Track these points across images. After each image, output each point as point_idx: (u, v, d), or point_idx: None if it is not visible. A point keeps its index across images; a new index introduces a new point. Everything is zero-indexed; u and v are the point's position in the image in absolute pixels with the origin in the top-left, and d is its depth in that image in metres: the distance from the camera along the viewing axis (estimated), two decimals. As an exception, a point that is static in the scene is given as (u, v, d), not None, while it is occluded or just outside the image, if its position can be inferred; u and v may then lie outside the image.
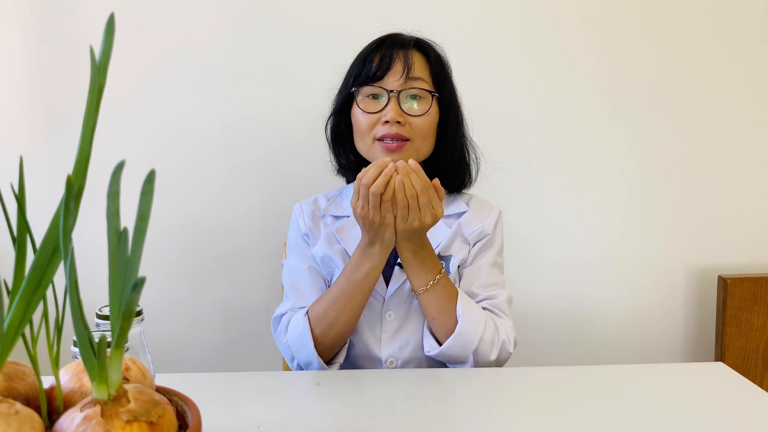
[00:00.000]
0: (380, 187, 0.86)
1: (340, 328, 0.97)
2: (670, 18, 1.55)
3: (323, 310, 0.97)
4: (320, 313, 0.97)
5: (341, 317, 0.96)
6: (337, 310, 0.96)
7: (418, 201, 0.88)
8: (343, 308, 0.96)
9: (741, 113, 1.60)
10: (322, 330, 0.97)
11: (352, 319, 0.98)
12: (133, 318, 0.42)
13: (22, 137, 1.49)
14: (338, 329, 0.97)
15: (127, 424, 0.41)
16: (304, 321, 0.98)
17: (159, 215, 1.50)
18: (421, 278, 0.95)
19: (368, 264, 0.94)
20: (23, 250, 0.43)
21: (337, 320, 0.96)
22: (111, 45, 0.43)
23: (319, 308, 0.98)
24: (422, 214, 0.88)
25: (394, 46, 1.01)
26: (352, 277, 0.95)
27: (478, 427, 0.73)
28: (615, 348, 1.66)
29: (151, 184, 0.40)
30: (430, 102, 1.01)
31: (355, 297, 0.95)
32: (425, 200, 0.88)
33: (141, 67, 1.49)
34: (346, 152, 1.09)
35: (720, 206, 1.63)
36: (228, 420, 0.75)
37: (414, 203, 0.87)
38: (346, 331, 0.99)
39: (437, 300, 0.96)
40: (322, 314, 0.97)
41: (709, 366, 0.95)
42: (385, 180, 0.86)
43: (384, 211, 0.88)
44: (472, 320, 0.95)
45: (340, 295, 0.96)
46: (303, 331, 0.97)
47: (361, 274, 0.94)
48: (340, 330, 0.97)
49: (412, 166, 0.88)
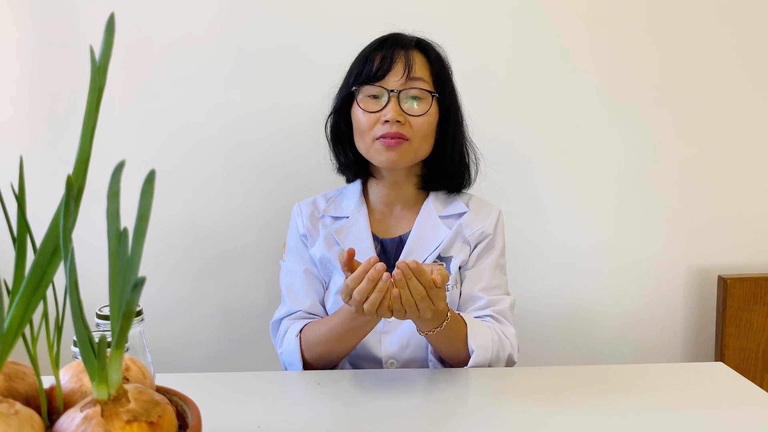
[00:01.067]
0: (374, 305, 0.79)
1: (329, 359, 0.99)
2: (669, 18, 1.54)
3: (315, 341, 0.97)
4: (311, 343, 0.98)
5: (332, 353, 0.98)
6: (328, 347, 0.97)
7: (417, 307, 0.80)
8: (334, 347, 0.97)
9: (741, 113, 1.59)
10: (312, 357, 0.98)
11: (343, 355, 0.99)
12: (133, 318, 0.42)
13: (22, 137, 1.49)
14: (328, 360, 0.99)
15: (127, 424, 0.41)
16: (296, 342, 0.99)
17: (159, 215, 1.50)
18: (425, 326, 0.91)
19: (363, 320, 0.90)
20: (23, 250, 0.43)
21: (328, 354, 0.98)
22: (111, 45, 0.43)
23: (311, 337, 0.98)
24: (421, 313, 0.81)
25: (395, 46, 1.01)
26: (347, 325, 0.93)
27: (478, 427, 0.73)
28: (615, 348, 1.66)
29: (151, 184, 0.40)
30: (430, 102, 1.01)
31: (348, 341, 0.96)
32: (425, 305, 0.80)
33: (140, 67, 1.49)
34: (346, 151, 1.09)
35: (720, 206, 1.63)
36: (228, 420, 0.75)
37: (413, 310, 0.80)
38: (336, 361, 1.00)
39: (444, 340, 0.94)
40: (313, 344, 0.98)
41: (709, 366, 0.95)
42: (379, 297, 0.78)
43: (381, 314, 0.81)
44: (483, 349, 0.94)
45: (333, 336, 0.95)
46: (294, 350, 0.99)
47: (356, 325, 0.92)
48: (330, 360, 0.99)
49: (413, 269, 0.78)
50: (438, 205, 1.09)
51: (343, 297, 0.82)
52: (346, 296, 0.82)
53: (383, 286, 0.78)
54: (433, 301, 0.81)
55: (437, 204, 1.09)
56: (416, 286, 0.78)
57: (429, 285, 0.79)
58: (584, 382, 0.88)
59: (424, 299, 0.79)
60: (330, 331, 0.95)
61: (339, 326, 0.94)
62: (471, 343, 0.94)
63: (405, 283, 0.78)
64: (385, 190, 1.09)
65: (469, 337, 0.94)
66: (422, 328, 0.91)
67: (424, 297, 0.79)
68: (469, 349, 0.94)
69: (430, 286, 0.79)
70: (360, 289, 0.78)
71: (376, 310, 0.80)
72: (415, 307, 0.80)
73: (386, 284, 0.78)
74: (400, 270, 0.78)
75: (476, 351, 0.93)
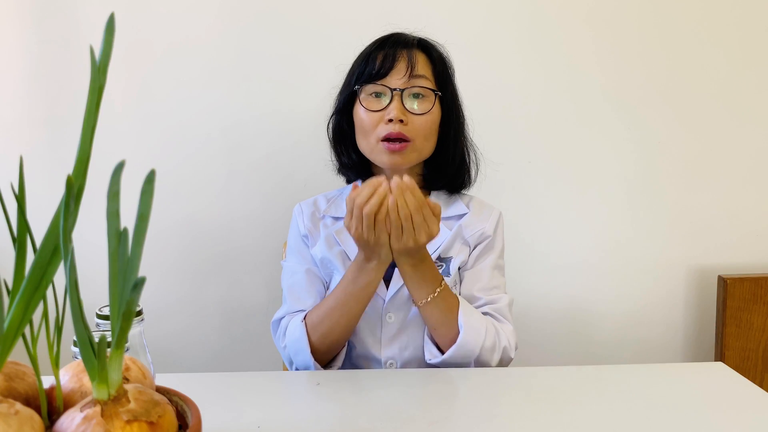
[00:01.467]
0: (374, 207, 0.85)
1: (336, 336, 0.98)
2: (672, 18, 1.54)
3: (320, 318, 0.97)
4: (317, 321, 0.97)
5: (338, 326, 0.97)
6: (333, 319, 0.96)
7: (412, 221, 0.86)
8: (339, 318, 0.96)
9: (742, 113, 1.59)
10: (319, 337, 0.97)
11: (349, 328, 0.98)
12: (133, 318, 0.42)
13: (22, 137, 1.49)
14: (335, 337, 0.97)
15: (127, 424, 0.41)
16: (301, 327, 0.98)
17: (159, 215, 1.51)
18: (421, 292, 0.94)
19: (365, 278, 0.93)
20: (23, 250, 0.43)
21: (334, 329, 0.97)
22: (111, 45, 0.43)
23: (316, 316, 0.98)
24: (416, 234, 0.87)
25: (397, 45, 1.00)
26: (349, 289, 0.94)
27: (478, 427, 0.73)
28: (615, 348, 1.66)
29: (151, 184, 0.40)
30: (432, 101, 1.01)
31: (352, 308, 0.95)
32: (419, 219, 0.86)
33: (141, 67, 1.49)
34: (348, 151, 1.09)
35: (720, 206, 1.63)
36: (228, 420, 0.75)
37: (408, 223, 0.86)
38: (342, 339, 0.99)
39: (438, 312, 0.95)
40: (318, 322, 0.97)
41: (709, 366, 0.95)
42: (379, 200, 0.85)
43: (378, 231, 0.87)
44: (474, 330, 0.94)
45: (337, 305, 0.96)
46: (300, 337, 0.97)
47: (358, 287, 0.94)
48: (337, 338, 0.98)
49: (407, 183, 0.86)
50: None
51: (346, 219, 0.88)
52: (348, 213, 0.88)
53: (382, 191, 0.85)
54: (426, 220, 0.86)
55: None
56: (411, 199, 0.85)
57: (422, 201, 0.86)
58: (584, 382, 0.88)
59: (418, 211, 0.85)
60: (334, 300, 0.96)
61: (342, 292, 0.95)
62: (461, 319, 0.94)
63: (401, 193, 0.85)
64: (385, 190, 1.09)
65: (460, 314, 0.95)
66: (417, 294, 0.94)
67: (418, 209, 0.85)
68: (459, 325, 0.94)
69: (423, 203, 0.86)
70: (361, 193, 0.86)
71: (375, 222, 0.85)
72: (410, 221, 0.85)
73: (385, 189, 0.85)
74: (396, 182, 0.85)
75: (465, 329, 0.93)
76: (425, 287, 0.94)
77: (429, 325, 0.98)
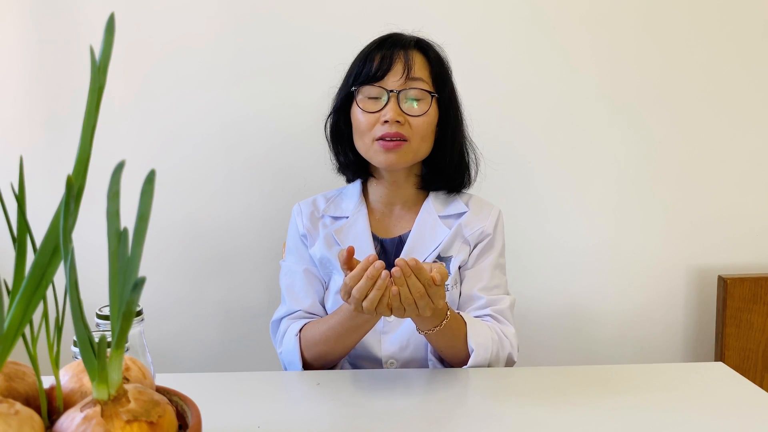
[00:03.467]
0: (373, 303, 0.79)
1: (330, 359, 0.99)
2: (669, 18, 1.54)
3: (314, 341, 0.97)
4: (311, 342, 0.98)
5: (332, 352, 0.97)
6: (328, 345, 0.96)
7: (416, 305, 0.80)
8: (334, 345, 0.96)
9: (741, 113, 1.59)
10: (312, 356, 0.98)
11: (344, 354, 0.99)
12: (133, 318, 0.42)
13: (22, 137, 1.49)
14: (328, 359, 0.99)
15: (127, 424, 0.41)
16: (295, 342, 0.98)
17: (159, 215, 1.50)
18: (425, 325, 0.91)
19: (362, 319, 0.91)
20: (23, 250, 0.43)
21: (328, 354, 0.97)
22: (111, 45, 0.43)
23: (311, 336, 0.98)
24: (420, 311, 0.81)
25: (394, 47, 1.00)
26: (346, 325, 0.92)
27: (478, 427, 0.73)
28: (615, 348, 1.66)
29: (151, 184, 0.40)
30: (429, 102, 1.01)
31: (347, 339, 0.95)
32: (424, 303, 0.80)
33: (140, 67, 1.49)
34: (346, 151, 1.09)
35: (720, 206, 1.63)
36: (228, 420, 0.75)
37: (411, 308, 0.81)
38: (336, 360, 1.00)
39: (444, 340, 0.94)
40: (312, 344, 0.97)
41: (709, 366, 0.95)
42: (378, 295, 0.78)
43: (380, 312, 0.81)
44: (483, 348, 0.94)
45: (333, 335, 0.95)
46: (293, 350, 0.98)
47: (355, 324, 0.92)
48: (331, 360, 0.99)
49: (411, 266, 0.78)
50: (438, 205, 1.09)
51: (342, 295, 0.82)
52: (345, 294, 0.82)
53: (382, 284, 0.78)
54: (432, 299, 0.81)
55: (437, 204, 1.09)
56: (415, 284, 0.78)
57: (428, 283, 0.79)
58: (584, 382, 0.88)
59: (423, 297, 0.79)
60: (329, 330, 0.95)
61: (338, 325, 0.94)
62: (471, 342, 0.94)
63: (404, 281, 0.78)
64: (384, 190, 1.09)
65: (469, 337, 0.94)
66: (422, 327, 0.91)
67: (423, 295, 0.79)
68: (469, 349, 0.94)
69: (429, 284, 0.79)
70: (359, 287, 0.78)
71: (375, 308, 0.80)
72: (414, 306, 0.80)
73: (385, 282, 0.78)
74: (399, 268, 0.78)
75: (476, 350, 0.93)
76: (429, 323, 0.90)
77: (436, 348, 0.98)
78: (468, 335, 0.94)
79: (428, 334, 0.92)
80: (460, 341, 0.94)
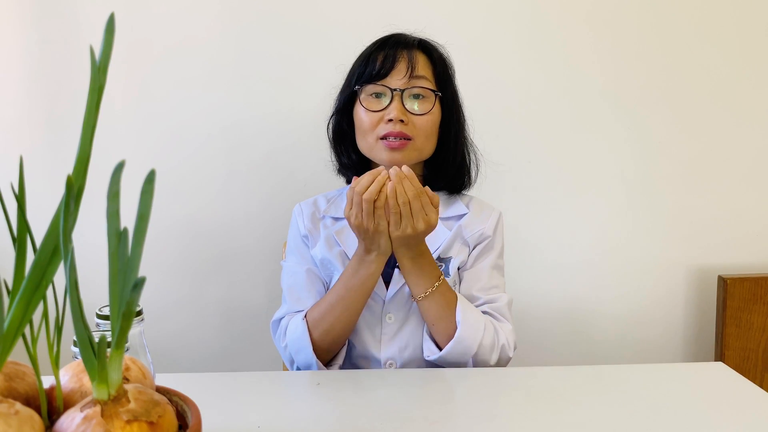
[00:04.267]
0: (373, 193, 0.87)
1: (337, 332, 0.98)
2: (671, 18, 1.54)
3: (321, 314, 0.97)
4: (318, 318, 0.98)
5: (339, 322, 0.97)
6: (334, 315, 0.96)
7: (410, 207, 0.88)
8: (341, 313, 0.96)
9: (742, 114, 1.59)
10: (320, 334, 0.97)
11: (350, 323, 0.98)
12: (133, 318, 0.42)
13: (22, 137, 1.49)
14: (336, 333, 0.97)
15: (127, 424, 0.41)
16: (303, 324, 0.98)
17: (159, 215, 1.50)
18: (419, 286, 0.95)
19: (365, 271, 0.94)
20: (23, 250, 0.43)
21: (335, 325, 0.97)
22: (111, 45, 0.43)
23: (317, 312, 0.98)
24: (414, 221, 0.89)
25: (397, 46, 1.01)
26: (350, 283, 0.95)
27: (478, 427, 0.73)
28: (615, 348, 1.66)
29: (151, 184, 0.40)
30: (433, 101, 1.01)
31: (352, 302, 0.96)
32: (417, 206, 0.88)
33: (141, 67, 1.49)
34: (348, 151, 1.09)
35: (720, 206, 1.63)
36: (228, 420, 0.75)
37: (406, 209, 0.88)
38: (344, 334, 0.99)
39: (436, 306, 0.96)
40: (319, 318, 0.97)
41: (709, 366, 0.95)
42: (378, 187, 0.87)
43: (377, 219, 0.89)
44: (472, 326, 0.95)
45: (338, 300, 0.96)
46: (301, 335, 0.97)
47: (359, 281, 0.94)
48: (338, 333, 0.98)
49: (405, 172, 0.88)
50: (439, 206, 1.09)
51: (345, 209, 0.90)
52: (348, 202, 0.90)
53: (381, 178, 0.88)
54: (424, 208, 0.88)
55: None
56: (409, 186, 0.88)
57: (420, 189, 0.88)
58: (584, 382, 0.88)
59: (416, 198, 0.88)
60: (334, 296, 0.97)
61: (342, 286, 0.96)
62: (459, 315, 0.95)
63: (400, 181, 0.87)
64: (386, 190, 1.09)
65: (458, 310, 0.95)
66: (416, 288, 0.95)
67: (416, 196, 0.88)
68: (457, 322, 0.95)
69: (421, 191, 0.88)
70: (361, 182, 0.88)
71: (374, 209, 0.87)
72: (409, 207, 0.87)
73: (384, 177, 0.88)
74: (396, 171, 0.88)
75: (462, 325, 0.94)
76: (424, 281, 0.95)
77: (427, 320, 0.98)
78: (457, 309, 0.96)
79: (422, 299, 0.95)
80: (452, 313, 0.96)
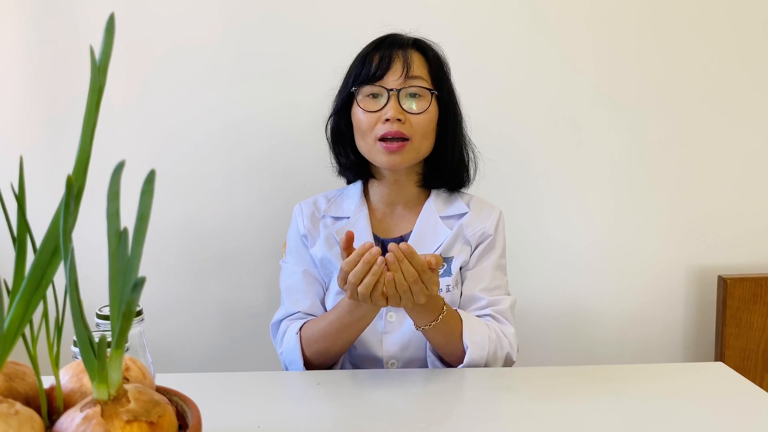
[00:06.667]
0: (369, 287, 0.80)
1: (330, 356, 0.99)
2: (669, 18, 1.54)
3: (315, 338, 0.97)
4: (311, 340, 0.98)
5: (332, 349, 0.98)
6: (328, 342, 0.97)
7: (410, 290, 0.82)
8: (333, 342, 0.97)
9: (740, 113, 1.59)
10: (313, 354, 0.98)
11: (344, 350, 0.99)
12: (133, 318, 0.42)
13: (22, 137, 1.49)
14: (329, 356, 0.99)
15: (127, 424, 0.41)
16: (296, 340, 0.99)
17: (159, 215, 1.50)
18: (422, 320, 0.92)
19: (361, 312, 0.91)
20: (23, 250, 0.43)
21: (328, 350, 0.98)
22: (111, 45, 0.43)
23: (311, 333, 0.98)
24: (415, 298, 0.83)
25: (393, 46, 1.01)
26: (345, 320, 0.93)
27: (478, 427, 0.73)
28: (615, 348, 1.66)
29: (151, 184, 0.40)
30: (429, 100, 1.01)
31: (346, 335, 0.96)
32: (418, 288, 0.82)
33: (140, 67, 1.49)
34: (347, 152, 1.09)
35: (720, 206, 1.63)
36: (228, 420, 0.75)
37: (406, 295, 0.82)
38: (337, 357, 1.00)
39: (441, 335, 0.95)
40: (313, 341, 0.98)
41: (709, 366, 0.95)
42: (373, 280, 0.80)
43: (375, 300, 0.82)
44: (479, 345, 0.95)
45: (332, 331, 0.95)
46: (294, 348, 0.99)
47: (354, 319, 0.93)
48: (331, 357, 0.99)
49: (405, 250, 0.80)
50: (439, 205, 1.09)
51: (339, 282, 0.84)
52: (341, 280, 0.83)
53: (377, 270, 0.80)
54: (426, 285, 0.82)
55: (438, 204, 1.09)
56: (408, 269, 0.80)
57: (422, 268, 0.81)
58: (584, 382, 0.88)
59: (416, 282, 0.81)
60: (328, 325, 0.96)
61: (337, 321, 0.94)
62: (466, 339, 0.94)
63: (398, 266, 0.80)
64: (386, 190, 1.09)
65: (464, 334, 0.94)
66: (418, 322, 0.92)
67: (416, 280, 0.81)
68: (464, 346, 0.94)
69: (423, 270, 0.81)
70: (355, 272, 0.80)
71: (371, 295, 0.81)
72: (409, 292, 0.82)
73: (380, 267, 0.80)
74: (393, 252, 0.80)
75: (471, 347, 0.94)
76: (426, 316, 0.91)
77: (433, 345, 0.98)
78: (464, 333, 0.95)
79: (425, 330, 0.92)
80: (457, 338, 0.95)
